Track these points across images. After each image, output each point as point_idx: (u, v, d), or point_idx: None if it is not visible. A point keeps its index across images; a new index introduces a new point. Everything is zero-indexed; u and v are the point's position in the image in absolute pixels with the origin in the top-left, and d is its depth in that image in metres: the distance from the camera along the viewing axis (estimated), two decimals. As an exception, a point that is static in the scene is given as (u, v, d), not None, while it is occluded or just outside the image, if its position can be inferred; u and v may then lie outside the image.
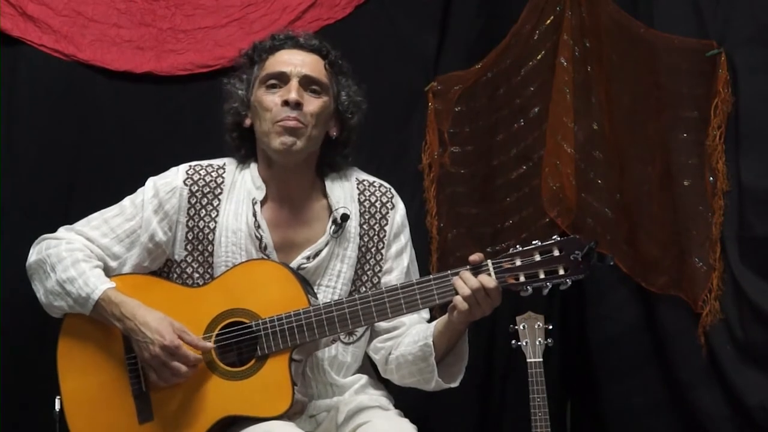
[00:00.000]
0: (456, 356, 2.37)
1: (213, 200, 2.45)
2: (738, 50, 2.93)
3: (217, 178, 2.47)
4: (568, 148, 3.20)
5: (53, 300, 2.37)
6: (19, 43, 3.03)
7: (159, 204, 2.44)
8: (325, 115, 2.44)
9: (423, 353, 2.34)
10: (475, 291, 2.19)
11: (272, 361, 2.27)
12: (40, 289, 2.41)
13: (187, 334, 2.28)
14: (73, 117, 3.07)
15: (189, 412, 2.30)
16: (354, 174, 2.56)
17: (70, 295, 2.34)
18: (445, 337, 2.32)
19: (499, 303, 2.23)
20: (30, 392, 2.86)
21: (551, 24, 3.20)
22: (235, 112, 2.50)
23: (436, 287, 2.24)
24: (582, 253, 2.17)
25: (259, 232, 2.41)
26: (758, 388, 2.90)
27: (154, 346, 2.25)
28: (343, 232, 2.45)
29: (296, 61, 2.44)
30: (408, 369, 2.40)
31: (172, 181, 2.46)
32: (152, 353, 2.25)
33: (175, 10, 3.15)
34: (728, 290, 2.95)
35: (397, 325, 2.47)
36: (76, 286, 2.33)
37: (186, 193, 2.44)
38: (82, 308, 2.33)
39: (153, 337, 2.25)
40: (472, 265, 2.23)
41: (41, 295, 2.41)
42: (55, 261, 2.37)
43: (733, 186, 2.93)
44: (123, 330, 2.31)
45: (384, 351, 2.47)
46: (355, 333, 2.46)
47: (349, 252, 2.46)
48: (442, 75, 3.26)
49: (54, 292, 2.36)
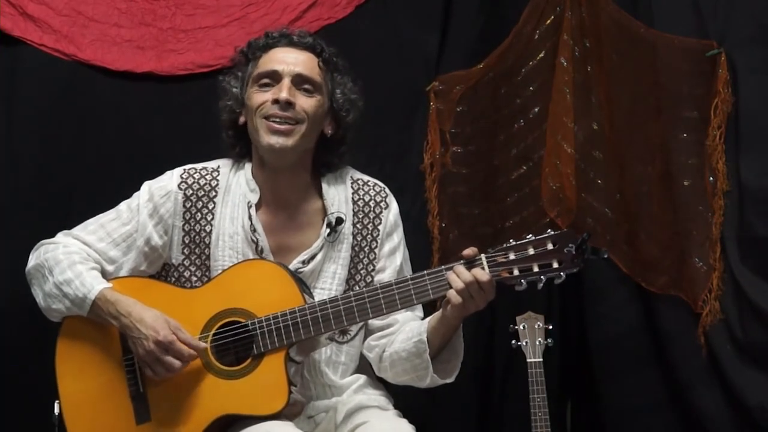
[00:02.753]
0: (451, 352, 2.36)
1: (208, 203, 2.45)
2: (738, 50, 2.94)
3: (211, 181, 2.47)
4: (568, 148, 3.19)
5: (51, 303, 2.38)
6: (19, 43, 3.03)
7: (154, 208, 2.44)
8: (318, 114, 2.43)
9: (417, 349, 2.33)
10: (468, 284, 2.19)
11: (268, 359, 2.28)
12: (39, 293, 2.41)
13: (182, 332, 2.28)
14: (73, 117, 3.08)
15: (186, 412, 2.30)
16: (349, 173, 2.55)
17: (67, 296, 2.34)
18: (440, 333, 2.31)
19: (492, 297, 2.23)
20: (29, 396, 2.86)
21: (551, 24, 3.20)
22: (230, 110, 2.49)
23: (430, 282, 2.24)
24: (575, 246, 2.16)
25: (256, 235, 2.41)
26: (758, 388, 2.90)
27: (148, 341, 2.26)
28: (337, 235, 2.45)
29: (289, 60, 2.43)
30: (402, 366, 2.39)
31: (167, 185, 2.46)
32: (146, 349, 2.26)
33: (175, 9, 3.16)
34: (728, 290, 2.95)
35: (390, 322, 2.46)
36: (73, 287, 2.34)
37: (181, 197, 2.44)
38: (80, 309, 2.34)
39: (147, 333, 2.26)
40: (466, 259, 2.22)
41: (40, 299, 2.41)
42: (53, 264, 2.38)
43: (733, 186, 2.94)
44: (119, 328, 2.31)
45: (378, 349, 2.47)
46: (349, 332, 2.46)
47: (342, 253, 2.46)
48: (444, 75, 3.25)
49: (52, 294, 2.37)
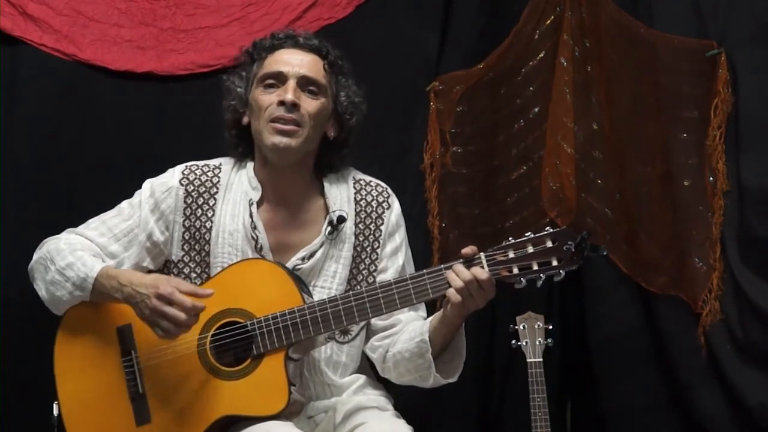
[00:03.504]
0: (453, 351, 2.36)
1: (209, 200, 2.45)
2: (738, 50, 2.93)
3: (212, 177, 2.47)
4: (568, 148, 3.20)
5: (54, 291, 2.36)
6: (19, 43, 3.03)
7: (155, 203, 2.44)
8: (322, 116, 2.43)
9: (419, 349, 2.33)
10: (467, 283, 2.18)
11: (268, 359, 2.27)
12: (42, 286, 2.40)
13: (183, 284, 2.26)
14: (73, 117, 3.07)
15: (186, 413, 2.30)
16: (351, 174, 2.54)
17: (69, 280, 2.33)
18: (441, 332, 2.31)
19: (493, 295, 2.22)
20: (28, 397, 2.86)
21: (551, 24, 3.20)
22: (234, 110, 2.49)
23: (430, 281, 2.23)
24: (575, 244, 2.16)
25: (256, 233, 2.41)
26: (758, 388, 2.90)
27: (150, 299, 2.23)
28: (338, 234, 2.45)
29: (294, 61, 2.43)
30: (405, 366, 2.39)
31: (168, 181, 2.46)
32: (149, 306, 2.23)
33: (175, 9, 3.16)
34: (728, 290, 2.95)
35: (393, 323, 2.46)
36: (74, 270, 2.33)
37: (182, 192, 2.44)
38: (82, 292, 2.33)
39: (148, 292, 2.24)
40: (465, 257, 2.22)
41: (43, 291, 2.40)
42: (54, 254, 2.37)
43: (733, 186, 2.94)
44: (123, 299, 2.29)
45: (381, 349, 2.47)
46: (350, 332, 2.45)
47: (344, 252, 2.45)
48: (444, 75, 3.25)
49: (54, 281, 2.36)
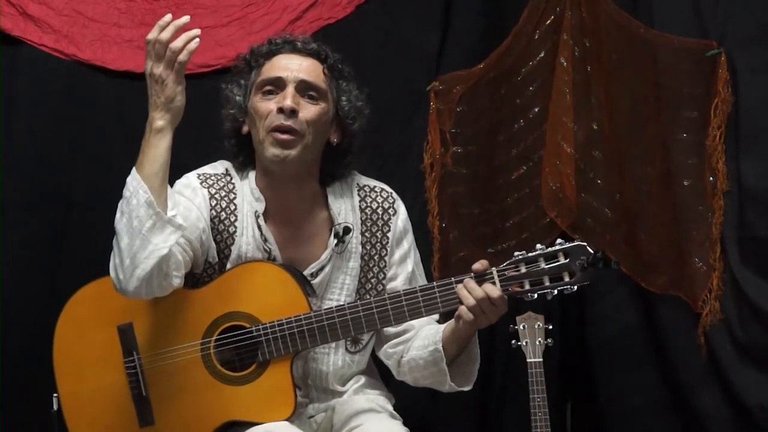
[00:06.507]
0: (467, 357, 2.36)
1: (230, 204, 2.40)
2: (738, 50, 2.92)
3: (227, 184, 2.42)
4: (568, 148, 3.19)
5: (132, 241, 2.17)
6: (19, 43, 3.03)
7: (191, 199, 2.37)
8: (322, 122, 2.38)
9: (434, 358, 2.33)
10: (480, 301, 2.17)
11: (274, 367, 2.26)
12: (123, 247, 2.18)
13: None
14: (73, 117, 3.07)
15: (190, 417, 2.29)
16: (355, 180, 2.50)
17: (132, 212, 2.18)
18: (454, 344, 2.31)
19: (505, 311, 2.22)
20: (28, 395, 2.87)
21: (551, 24, 3.19)
22: (233, 119, 2.44)
23: (440, 295, 2.22)
24: (587, 260, 2.14)
25: (267, 245, 2.37)
26: (758, 388, 2.90)
27: (150, 72, 2.27)
28: (345, 245, 2.42)
29: (293, 66, 2.38)
30: (420, 373, 2.39)
31: (190, 183, 2.41)
32: (149, 73, 2.28)
33: (175, 9, 3.14)
34: (728, 290, 2.94)
35: (406, 328, 2.44)
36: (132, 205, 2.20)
37: (206, 194, 2.39)
38: (139, 190, 2.20)
39: (148, 81, 2.27)
40: (476, 273, 2.20)
41: (125, 253, 2.18)
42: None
43: (733, 186, 2.93)
44: (161, 125, 2.30)
45: (396, 356, 2.46)
46: (360, 341, 2.44)
47: (351, 263, 2.43)
48: (444, 75, 3.24)
49: (125, 231, 2.18)
